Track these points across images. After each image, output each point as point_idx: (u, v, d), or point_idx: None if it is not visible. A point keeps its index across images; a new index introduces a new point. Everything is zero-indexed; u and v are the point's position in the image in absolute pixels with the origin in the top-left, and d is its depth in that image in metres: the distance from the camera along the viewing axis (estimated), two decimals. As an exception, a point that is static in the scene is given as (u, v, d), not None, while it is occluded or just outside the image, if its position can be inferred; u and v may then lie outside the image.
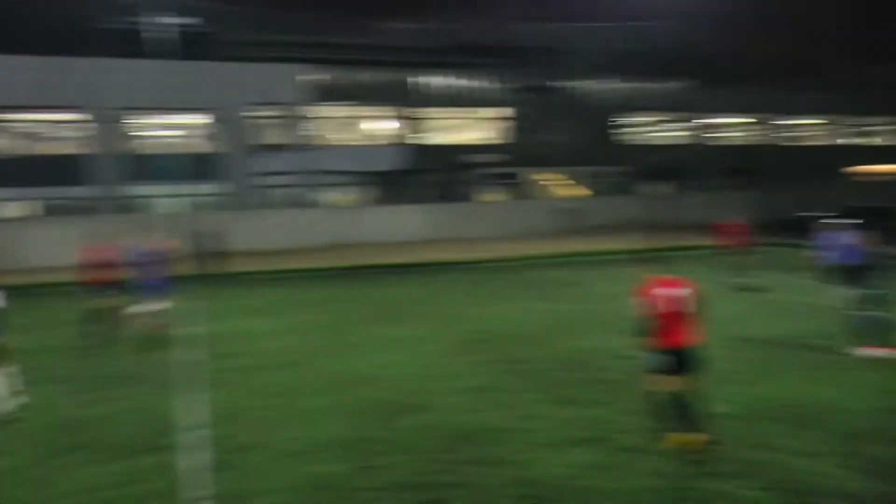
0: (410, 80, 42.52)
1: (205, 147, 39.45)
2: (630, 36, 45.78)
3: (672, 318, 8.34)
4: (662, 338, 8.37)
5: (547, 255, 28.45)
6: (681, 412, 8.40)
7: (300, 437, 9.14)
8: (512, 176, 42.82)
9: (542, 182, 44.77)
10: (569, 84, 45.88)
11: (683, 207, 41.50)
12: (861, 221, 16.37)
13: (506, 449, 8.64)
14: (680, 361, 8.35)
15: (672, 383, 8.42)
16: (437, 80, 43.04)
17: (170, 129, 36.12)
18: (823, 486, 7.60)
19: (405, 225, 34.94)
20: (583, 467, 8.10)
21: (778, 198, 43.29)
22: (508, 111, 44.49)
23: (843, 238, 13.85)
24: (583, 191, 44.80)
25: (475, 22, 49.40)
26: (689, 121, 49.57)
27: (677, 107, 49.09)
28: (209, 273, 24.12)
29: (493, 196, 43.25)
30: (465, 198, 41.86)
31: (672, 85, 48.85)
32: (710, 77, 51.30)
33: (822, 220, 17.93)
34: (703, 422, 8.46)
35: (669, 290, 8.45)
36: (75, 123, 37.06)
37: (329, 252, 30.94)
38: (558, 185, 45.03)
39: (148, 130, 39.31)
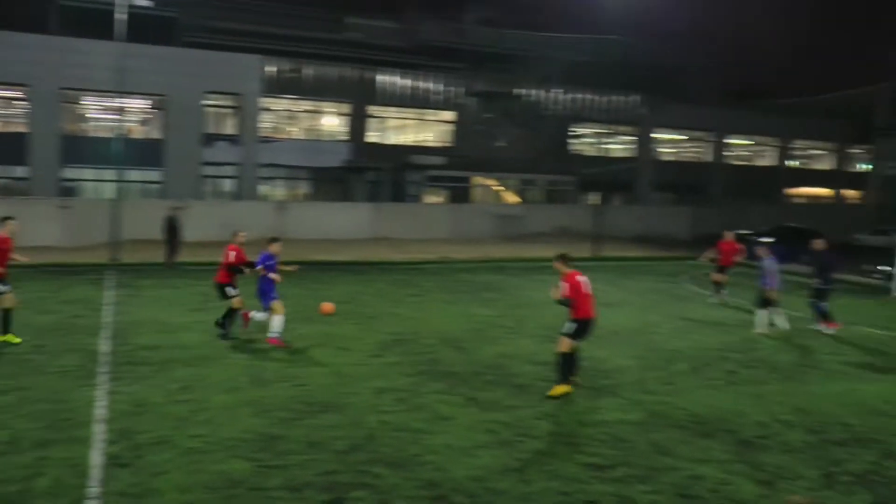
0: (366, 77, 42.36)
1: (151, 133, 38.86)
2: (588, 47, 46.26)
3: (586, 298, 10.96)
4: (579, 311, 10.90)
5: (483, 259, 28.63)
6: (574, 366, 11.08)
7: (206, 434, 9.00)
8: (457, 180, 42.96)
9: (486, 187, 45.03)
10: (522, 91, 46.12)
11: (624, 219, 42.08)
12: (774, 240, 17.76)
13: (414, 450, 8.68)
14: (585, 330, 11.00)
15: (575, 346, 10.98)
16: (393, 79, 42.94)
17: (115, 113, 35.19)
18: (718, 493, 7.82)
19: (343, 222, 34.71)
20: (490, 470, 8.17)
21: (718, 214, 44.27)
22: (460, 115, 44.62)
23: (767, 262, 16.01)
24: (525, 198, 45.14)
25: (438, 24, 49.38)
26: (637, 134, 50.31)
27: (627, 120, 49.77)
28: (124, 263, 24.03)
29: (436, 198, 43.32)
30: (408, 198, 41.87)
31: (623, 98, 49.46)
32: (661, 93, 52.20)
33: (756, 239, 19.21)
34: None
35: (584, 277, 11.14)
36: (16, 101, 36.25)
37: (259, 246, 30.47)
38: (501, 192, 45.32)
39: (92, 112, 38.56)
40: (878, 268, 25.79)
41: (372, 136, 43.28)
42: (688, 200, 50.70)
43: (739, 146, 56.30)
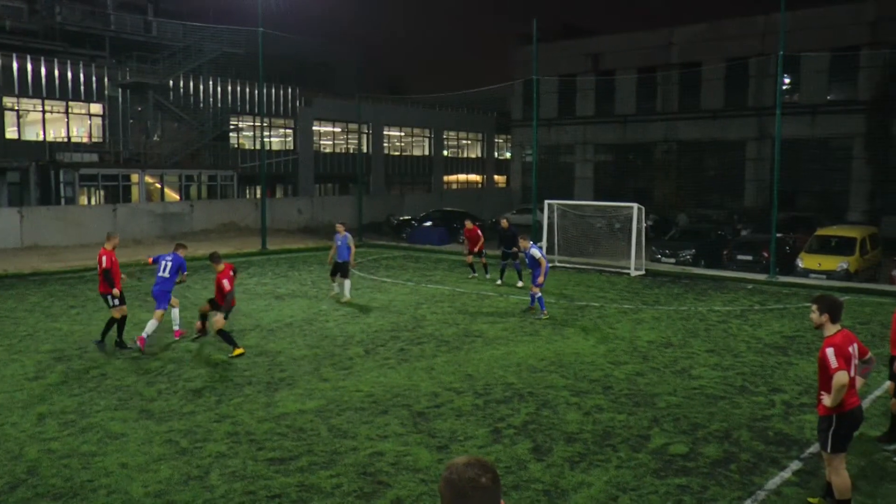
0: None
1: None
2: (240, 39, 45.27)
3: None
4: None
5: (146, 262, 27.10)
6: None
7: None
8: (114, 178, 40.05)
9: (146, 185, 42.59)
10: (174, 83, 44.14)
11: (289, 211, 42.37)
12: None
13: (85, 476, 8.06)
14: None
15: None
16: (30, 67, 38.60)
17: None
18: (398, 465, 8.29)
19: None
20: (171, 483, 7.88)
21: (379, 203, 46.20)
22: (110, 107, 41.53)
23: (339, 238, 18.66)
24: (187, 194, 43.46)
25: (75, 7, 45.12)
26: (296, 127, 50.67)
27: (285, 113, 49.92)
28: None
29: (93, 199, 40.07)
30: (60, 200, 38.20)
31: (280, 92, 49.49)
32: (318, 87, 52.96)
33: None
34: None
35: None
36: None
37: None
38: (161, 189, 43.16)
39: None
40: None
41: (11, 132, 38.82)
42: (349, 190, 52.44)
43: (396, 137, 59.24)
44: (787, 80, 41.05)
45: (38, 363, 12.75)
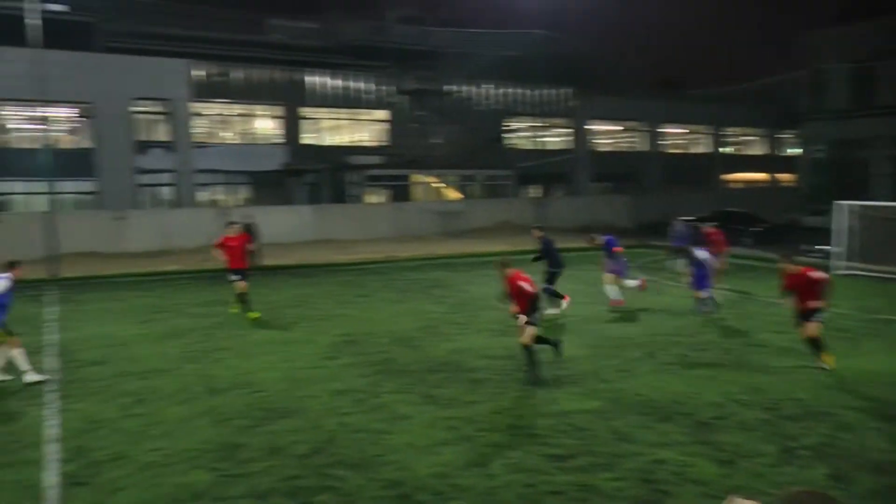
0: (296, 78, 41.80)
1: (81, 142, 37.38)
2: (516, 42, 46.39)
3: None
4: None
5: (427, 256, 28.53)
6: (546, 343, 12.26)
7: (164, 447, 8.77)
8: (396, 178, 42.75)
9: (426, 185, 44.92)
10: (454, 88, 46.09)
11: (564, 210, 42.52)
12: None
13: (375, 451, 8.58)
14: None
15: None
16: (322, 80, 42.43)
17: (37, 123, 33.42)
18: (681, 475, 7.88)
19: (284, 226, 34.10)
20: (453, 466, 8.12)
21: (656, 202, 44.97)
22: (393, 113, 44.38)
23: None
24: (465, 193, 45.15)
25: (359, 24, 49.00)
26: (572, 127, 50.79)
27: (560, 113, 50.24)
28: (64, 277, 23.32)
29: (377, 198, 43.03)
30: (348, 199, 41.46)
31: (555, 92, 49.93)
32: (593, 85, 52.76)
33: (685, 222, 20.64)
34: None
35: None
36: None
37: (200, 254, 29.78)
38: (440, 188, 45.25)
39: (13, 123, 36.85)
40: (817, 247, 26.40)
41: (307, 138, 42.64)
42: (626, 189, 51.47)
43: (674, 135, 57.31)
44: None
45: (332, 345, 13.84)
